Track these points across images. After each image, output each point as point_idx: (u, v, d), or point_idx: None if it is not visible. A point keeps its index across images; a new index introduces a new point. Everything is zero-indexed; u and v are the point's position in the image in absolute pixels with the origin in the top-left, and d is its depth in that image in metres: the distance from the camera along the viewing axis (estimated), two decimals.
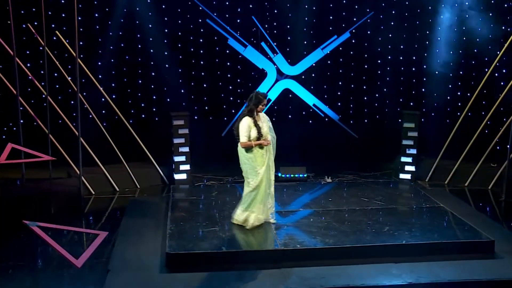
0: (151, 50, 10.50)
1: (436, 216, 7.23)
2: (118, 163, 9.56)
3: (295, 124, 11.06)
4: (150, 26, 10.25)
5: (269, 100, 10.90)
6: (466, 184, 9.65)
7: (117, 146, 9.39)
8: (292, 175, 9.57)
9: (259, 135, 6.55)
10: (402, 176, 9.82)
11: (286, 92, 10.97)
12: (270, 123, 6.82)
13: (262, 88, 10.73)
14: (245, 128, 6.52)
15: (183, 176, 9.53)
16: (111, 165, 9.54)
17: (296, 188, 8.82)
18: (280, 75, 10.78)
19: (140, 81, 10.67)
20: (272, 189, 6.81)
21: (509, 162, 8.86)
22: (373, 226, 6.79)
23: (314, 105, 10.91)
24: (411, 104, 11.11)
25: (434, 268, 5.90)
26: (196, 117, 10.52)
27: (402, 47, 10.93)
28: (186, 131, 9.45)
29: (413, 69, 11.07)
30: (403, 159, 9.79)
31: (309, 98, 10.92)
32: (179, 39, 10.70)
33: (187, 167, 9.54)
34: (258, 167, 6.59)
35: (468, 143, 9.71)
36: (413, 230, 6.68)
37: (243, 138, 6.55)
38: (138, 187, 9.58)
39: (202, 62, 10.83)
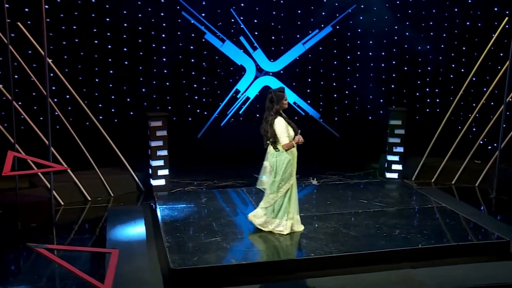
0: (125, 49, 9.93)
1: (443, 217, 7.13)
2: (89, 170, 8.93)
3: None
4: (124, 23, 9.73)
5: (247, 98, 10.57)
6: (453, 182, 9.69)
7: (88, 150, 8.75)
8: None
9: (296, 133, 6.25)
10: (389, 175, 9.74)
11: (266, 89, 10.62)
12: None
13: (241, 85, 10.38)
14: (284, 128, 6.17)
15: (161, 182, 9.02)
16: (81, 172, 8.89)
17: None
18: (260, 71, 10.44)
19: (111, 82, 10.06)
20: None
21: (499, 159, 8.94)
22: (382, 230, 6.59)
23: (294, 103, 10.65)
24: (393, 99, 11.05)
25: (454, 271, 5.77)
26: (174, 118, 10.02)
27: (385, 41, 10.85)
28: (164, 133, 8.94)
29: (396, 64, 11.03)
30: (390, 157, 9.70)
31: (289, 96, 10.62)
32: (149, 35, 10.14)
33: (165, 172, 9.04)
34: (293, 170, 6.32)
35: (454, 140, 9.76)
36: (425, 232, 6.53)
37: (285, 139, 6.16)
38: (112, 195, 8.98)
39: (177, 59, 10.32)
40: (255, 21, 10.31)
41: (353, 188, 8.64)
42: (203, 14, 10.05)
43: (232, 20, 10.23)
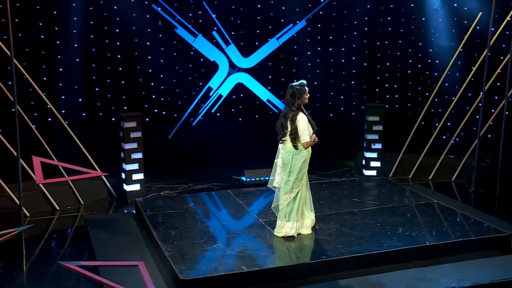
0: (93, 49, 9.56)
1: (440, 213, 7.25)
2: (57, 176, 8.40)
3: (248, 121, 10.63)
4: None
5: (220, 95, 10.35)
6: (430, 178, 9.94)
7: (55, 155, 8.24)
8: (257, 179, 9.15)
9: (314, 131, 6.12)
10: (367, 172, 9.84)
11: (240, 86, 10.48)
12: None
13: (213, 82, 10.15)
14: (307, 126, 6.00)
15: (135, 187, 8.65)
16: (48, 178, 8.33)
17: (269, 193, 8.36)
18: (233, 68, 10.25)
19: (80, 81, 9.61)
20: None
21: (477, 153, 9.24)
22: (385, 229, 6.60)
23: (268, 100, 10.54)
24: (364, 97, 11.19)
25: (465, 268, 5.87)
26: (147, 119, 9.65)
27: (356, 33, 10.93)
28: (139, 134, 8.58)
29: (371, 60, 11.15)
30: (368, 154, 9.81)
31: (262, 93, 10.52)
32: (114, 28, 9.71)
33: (140, 176, 8.67)
34: (305, 168, 6.17)
35: (430, 136, 10.01)
36: (427, 229, 6.61)
37: (307, 137, 5.99)
38: (82, 203, 8.51)
39: (145, 55, 9.98)
40: (228, 14, 10.13)
41: (340, 187, 8.63)
42: (175, 4, 9.76)
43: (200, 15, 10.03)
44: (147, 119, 9.82)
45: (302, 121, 6.01)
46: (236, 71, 10.29)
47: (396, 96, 11.23)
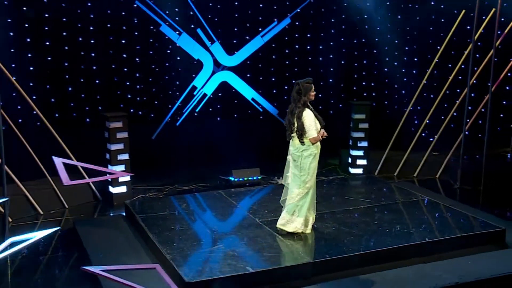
0: (66, 47, 9.30)
1: (434, 210, 7.40)
2: (40, 179, 8.24)
3: (233, 120, 10.61)
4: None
5: (205, 94, 10.30)
6: (415, 175, 10.13)
7: (38, 157, 8.05)
8: (245, 178, 9.15)
9: (322, 126, 6.21)
10: (353, 170, 9.95)
11: (224, 85, 10.45)
12: None
13: (198, 81, 10.09)
14: (312, 121, 6.10)
15: (122, 189, 8.53)
16: (31, 181, 8.17)
17: (261, 192, 8.40)
18: (217, 66, 10.20)
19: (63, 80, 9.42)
20: None
21: (462, 150, 9.47)
22: (383, 226, 6.69)
23: (252, 99, 10.54)
24: (342, 96, 11.32)
25: (465, 263, 6.00)
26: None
27: (333, 31, 11.05)
28: (125, 134, 8.47)
29: (356, 57, 11.26)
30: (354, 152, 9.92)
31: (247, 92, 10.51)
32: (99, 25, 9.55)
33: (127, 178, 8.55)
34: (317, 165, 6.28)
35: (415, 133, 10.21)
36: (424, 226, 6.74)
37: (314, 132, 6.09)
38: (67, 206, 8.34)
39: (121, 53, 9.83)
40: (213, 12, 10.08)
41: (330, 186, 8.71)
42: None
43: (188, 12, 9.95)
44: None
45: (308, 117, 6.09)
46: (221, 69, 10.24)
47: (374, 94, 11.40)
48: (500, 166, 9.62)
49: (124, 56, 9.94)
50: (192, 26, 9.85)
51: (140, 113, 10.13)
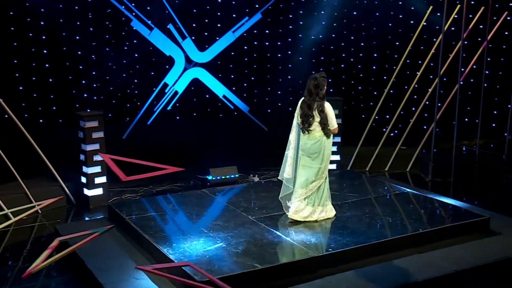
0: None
1: (419, 202, 7.70)
2: (10, 182, 7.98)
3: (205, 118, 10.62)
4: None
5: (176, 92, 10.25)
6: (386, 169, 10.53)
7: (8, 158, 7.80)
8: (223, 177, 9.20)
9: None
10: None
11: (195, 82, 10.42)
12: None
13: (169, 78, 10.02)
14: (333, 113, 6.60)
15: (98, 192, 8.37)
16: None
17: (244, 190, 8.48)
18: (189, 63, 10.17)
19: (34, 78, 9.21)
20: None
21: (433, 144, 9.94)
22: (375, 219, 6.92)
23: (224, 96, 10.59)
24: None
25: (458, 252, 6.31)
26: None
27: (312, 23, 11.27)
28: (101, 134, 8.32)
29: (329, 53, 11.50)
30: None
31: (218, 89, 10.54)
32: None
33: (103, 179, 8.41)
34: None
35: (385, 128, 10.61)
36: (414, 217, 7.03)
37: (334, 123, 6.62)
38: (40, 212, 8.10)
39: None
40: (184, 7, 10.05)
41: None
42: None
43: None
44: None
45: (330, 109, 6.59)
46: (192, 66, 10.23)
47: (343, 88, 11.72)
48: (462, 158, 10.17)
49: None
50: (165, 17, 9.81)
51: (110, 114, 9.96)
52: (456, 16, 10.05)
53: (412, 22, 10.90)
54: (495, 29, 10.04)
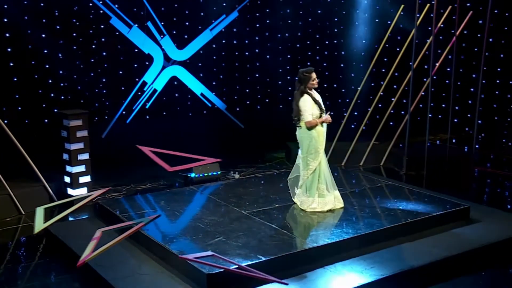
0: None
1: (402, 193, 8.07)
2: None
3: (182, 115, 10.71)
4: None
5: (155, 90, 10.29)
6: (361, 164, 10.89)
7: None
8: (206, 174, 9.33)
9: (321, 111, 6.79)
10: None
11: (173, 80, 10.50)
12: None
13: (148, 76, 10.06)
14: (308, 105, 6.75)
15: (82, 191, 8.36)
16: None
17: (231, 186, 8.63)
18: (167, 61, 10.24)
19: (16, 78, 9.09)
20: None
21: (407, 138, 10.37)
22: (365, 211, 7.18)
23: (201, 94, 10.71)
24: (289, 89, 11.80)
25: (446, 238, 6.70)
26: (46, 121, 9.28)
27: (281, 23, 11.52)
28: (85, 133, 8.31)
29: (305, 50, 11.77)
30: None
31: (196, 87, 10.65)
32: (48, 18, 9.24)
33: (87, 179, 8.40)
34: (320, 147, 6.92)
35: (361, 124, 10.98)
36: (400, 208, 7.36)
37: (308, 116, 6.76)
38: (23, 213, 8.02)
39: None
40: (163, 4, 10.10)
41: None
42: None
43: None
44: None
45: (303, 102, 6.77)
46: (171, 63, 10.30)
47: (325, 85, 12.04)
48: (432, 152, 10.63)
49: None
50: (142, 13, 9.82)
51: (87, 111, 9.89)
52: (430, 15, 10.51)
53: (386, 22, 11.30)
54: (462, 26, 10.53)
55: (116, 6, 9.62)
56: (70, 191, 8.27)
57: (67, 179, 8.30)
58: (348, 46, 11.74)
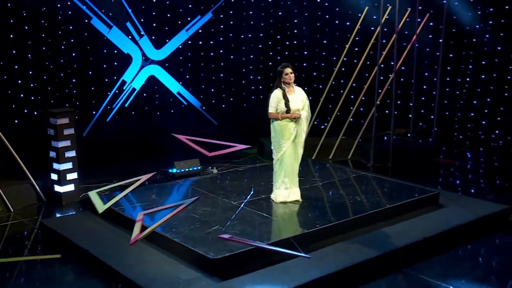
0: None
1: (377, 182, 8.64)
2: None
3: (160, 113, 10.93)
4: None
5: (133, 89, 10.49)
6: (330, 157, 11.43)
7: None
8: (187, 169, 9.62)
9: (287, 108, 7.07)
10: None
11: (152, 79, 10.73)
12: (307, 100, 7.34)
13: (127, 75, 10.26)
14: (274, 99, 7.14)
15: (70, 188, 8.51)
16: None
17: (214, 179, 8.96)
18: (146, 60, 10.47)
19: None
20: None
21: (374, 132, 10.99)
22: (348, 199, 7.68)
23: (178, 92, 10.98)
24: (260, 88, 12.26)
25: (419, 222, 7.28)
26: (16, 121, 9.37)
27: (252, 22, 11.92)
28: (71, 131, 8.46)
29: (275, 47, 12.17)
30: None
31: (173, 86, 10.92)
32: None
33: (74, 175, 8.56)
34: (282, 141, 7.19)
35: (329, 121, 11.53)
36: (378, 196, 7.93)
37: (270, 109, 7.18)
38: (12, 210, 8.12)
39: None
40: (141, 5, 10.31)
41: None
42: None
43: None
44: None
45: (273, 95, 7.19)
46: (149, 63, 10.54)
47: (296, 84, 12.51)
48: (394, 145, 11.27)
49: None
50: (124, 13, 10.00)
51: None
52: (387, 17, 11.17)
53: (348, 23, 11.90)
54: (422, 25, 11.23)
55: (97, 7, 9.76)
56: (57, 188, 8.39)
57: (54, 177, 8.42)
58: (310, 47, 12.23)
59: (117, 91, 10.32)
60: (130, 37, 10.22)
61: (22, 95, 9.80)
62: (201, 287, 5.50)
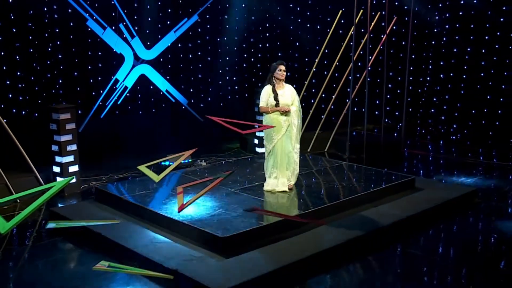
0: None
1: (357, 170, 8.95)
2: None
3: (151, 110, 11.00)
4: None
5: (125, 87, 10.52)
6: (308, 150, 11.72)
7: None
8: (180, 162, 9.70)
9: (276, 101, 7.23)
10: (260, 150, 11.13)
11: (142, 78, 10.79)
12: (297, 96, 7.45)
13: (120, 74, 10.28)
14: (264, 94, 7.32)
15: (71, 180, 8.48)
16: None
17: (208, 171, 9.11)
18: (137, 60, 10.52)
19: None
20: (296, 157, 7.45)
21: (350, 126, 11.33)
22: (333, 184, 7.95)
23: (166, 90, 11.07)
24: (246, 85, 12.46)
25: (400, 204, 7.60)
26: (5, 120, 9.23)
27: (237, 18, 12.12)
28: (73, 126, 8.49)
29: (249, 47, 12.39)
30: (260, 134, 11.10)
31: (162, 84, 11.01)
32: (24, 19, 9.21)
33: (76, 168, 8.57)
34: (273, 134, 7.29)
35: (306, 116, 11.82)
36: (361, 181, 8.25)
37: (261, 103, 7.38)
38: (18, 201, 8.07)
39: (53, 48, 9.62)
40: (133, 7, 10.37)
41: (259, 162, 9.71)
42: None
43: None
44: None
45: (263, 90, 7.39)
46: (140, 62, 10.60)
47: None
48: (367, 139, 11.66)
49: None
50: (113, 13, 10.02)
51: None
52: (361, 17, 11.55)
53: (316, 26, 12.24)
54: (391, 26, 11.66)
55: (92, 8, 9.77)
56: (60, 180, 8.38)
57: (56, 169, 8.42)
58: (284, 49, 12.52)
59: (114, 90, 10.35)
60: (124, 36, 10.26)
61: (11, 95, 9.67)
62: (214, 262, 5.63)
